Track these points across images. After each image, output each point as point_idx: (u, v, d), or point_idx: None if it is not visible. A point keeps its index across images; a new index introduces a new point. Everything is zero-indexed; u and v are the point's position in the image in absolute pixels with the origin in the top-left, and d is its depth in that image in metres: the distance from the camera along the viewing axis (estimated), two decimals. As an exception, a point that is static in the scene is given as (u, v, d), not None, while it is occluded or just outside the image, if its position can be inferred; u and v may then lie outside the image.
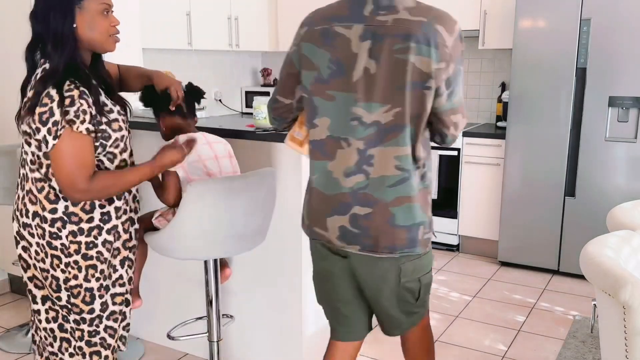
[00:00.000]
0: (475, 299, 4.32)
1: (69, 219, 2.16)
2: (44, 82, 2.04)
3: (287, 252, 3.03)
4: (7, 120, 4.04)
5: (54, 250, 2.17)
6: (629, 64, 4.23)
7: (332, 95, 1.99)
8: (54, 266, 2.19)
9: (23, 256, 2.28)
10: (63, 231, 2.16)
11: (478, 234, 5.17)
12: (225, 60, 6.35)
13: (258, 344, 3.25)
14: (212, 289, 2.72)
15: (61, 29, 2.06)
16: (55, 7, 2.06)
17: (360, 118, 1.96)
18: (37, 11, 2.11)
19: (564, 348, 3.52)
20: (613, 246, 1.96)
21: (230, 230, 2.46)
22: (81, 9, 2.09)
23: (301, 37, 2.14)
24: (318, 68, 2.02)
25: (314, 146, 2.09)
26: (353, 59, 1.94)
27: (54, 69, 2.06)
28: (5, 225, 4.27)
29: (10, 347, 3.59)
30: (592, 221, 4.48)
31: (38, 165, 2.13)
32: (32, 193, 2.16)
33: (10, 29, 3.85)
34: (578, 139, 4.50)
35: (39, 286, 2.27)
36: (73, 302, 2.23)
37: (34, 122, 2.04)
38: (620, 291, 1.67)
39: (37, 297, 2.29)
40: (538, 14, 4.50)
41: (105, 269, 2.27)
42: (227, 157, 2.59)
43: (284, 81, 2.19)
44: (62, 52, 2.07)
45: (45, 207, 2.14)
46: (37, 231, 2.17)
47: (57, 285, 2.21)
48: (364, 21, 1.93)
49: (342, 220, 2.05)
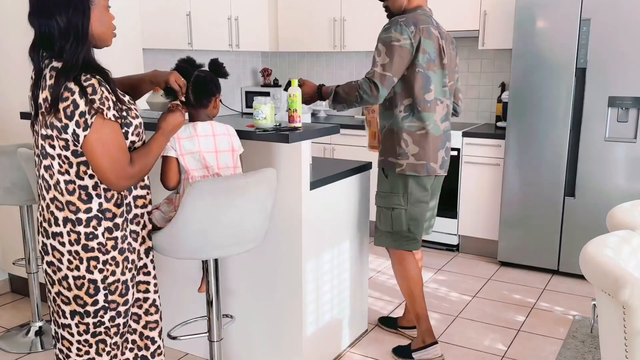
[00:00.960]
0: (475, 299, 4.32)
1: (104, 215, 2.15)
2: (61, 78, 2.00)
3: (287, 252, 3.04)
4: (7, 120, 4.05)
5: (91, 252, 2.14)
6: (629, 64, 4.23)
7: (435, 71, 3.16)
8: (91, 269, 2.15)
9: (48, 272, 2.21)
10: (99, 229, 2.14)
11: (478, 234, 5.18)
12: (225, 60, 6.28)
13: (258, 344, 3.25)
14: (212, 289, 2.72)
15: (81, 24, 2.04)
16: (73, 4, 2.03)
17: (446, 85, 3.25)
18: (43, 10, 2.06)
19: (564, 348, 3.52)
20: (613, 246, 1.96)
21: (230, 230, 2.46)
22: (93, 5, 2.09)
23: (412, 32, 3.05)
24: (428, 52, 3.10)
25: (430, 104, 3.16)
26: (440, 49, 3.17)
27: (71, 64, 2.02)
28: (6, 226, 4.28)
29: (10, 347, 3.60)
30: (592, 221, 4.48)
31: (68, 166, 2.09)
32: (58, 200, 2.11)
33: (10, 29, 3.85)
34: (578, 139, 4.50)
35: (66, 302, 2.20)
36: (111, 299, 2.22)
37: (60, 120, 2.01)
38: (620, 291, 1.67)
39: (66, 312, 2.21)
40: (538, 14, 4.50)
41: (135, 259, 2.30)
42: (229, 152, 2.58)
43: (397, 65, 3.06)
44: (81, 47, 2.04)
45: (79, 208, 2.11)
46: (69, 237, 2.12)
47: (95, 288, 2.17)
48: (437, 28, 3.19)
49: (442, 153, 3.25)
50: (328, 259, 3.26)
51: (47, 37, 2.06)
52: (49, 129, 2.05)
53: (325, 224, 3.21)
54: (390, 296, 4.34)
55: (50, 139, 2.07)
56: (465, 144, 5.06)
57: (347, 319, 3.54)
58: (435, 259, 5.16)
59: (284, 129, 2.80)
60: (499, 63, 5.55)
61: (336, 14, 5.88)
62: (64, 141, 2.05)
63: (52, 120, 2.03)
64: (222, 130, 2.60)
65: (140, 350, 2.42)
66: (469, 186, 5.12)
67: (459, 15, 5.21)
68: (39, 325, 3.72)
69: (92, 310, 2.20)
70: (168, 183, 2.49)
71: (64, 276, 2.17)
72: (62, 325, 2.25)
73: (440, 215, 5.25)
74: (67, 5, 2.03)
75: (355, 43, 5.84)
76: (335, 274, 3.36)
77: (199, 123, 2.54)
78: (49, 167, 2.11)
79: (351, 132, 5.62)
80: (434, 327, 3.81)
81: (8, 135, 4.06)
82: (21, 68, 3.86)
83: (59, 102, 1.99)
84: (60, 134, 2.04)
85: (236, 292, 3.25)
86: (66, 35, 2.04)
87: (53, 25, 2.04)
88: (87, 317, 2.21)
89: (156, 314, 2.45)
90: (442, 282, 4.64)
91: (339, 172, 3.27)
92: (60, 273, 2.17)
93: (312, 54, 6.58)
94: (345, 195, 3.38)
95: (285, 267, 3.06)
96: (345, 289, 3.49)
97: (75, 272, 2.15)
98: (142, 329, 2.42)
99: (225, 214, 2.41)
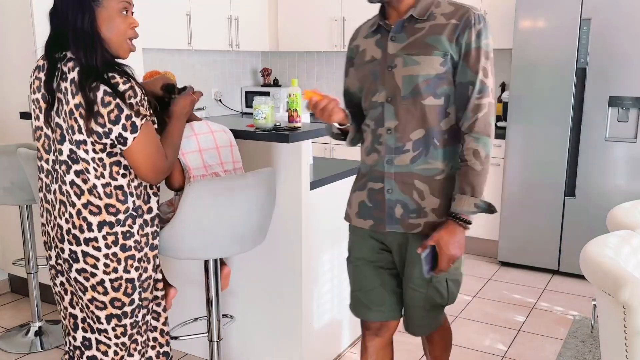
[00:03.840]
0: (475, 299, 4.32)
1: (137, 212, 2.17)
2: (89, 81, 1.97)
3: (287, 252, 3.04)
4: (6, 120, 4.05)
5: (128, 251, 2.14)
6: (629, 63, 4.23)
7: None
8: (128, 268, 2.15)
9: (78, 279, 2.15)
10: (134, 227, 2.16)
11: (478, 233, 5.17)
12: (225, 60, 6.35)
13: (258, 344, 3.25)
14: (212, 289, 2.72)
15: (80, 24, 2.00)
16: (72, 3, 2.01)
17: None
18: (56, 7, 2.07)
19: (564, 348, 3.52)
20: (613, 246, 1.96)
21: (230, 230, 2.46)
22: (99, 6, 2.02)
23: None
24: None
25: None
26: None
27: (90, 68, 1.99)
28: (6, 226, 4.28)
29: (10, 347, 3.60)
30: (592, 221, 4.48)
31: (102, 169, 2.07)
32: (93, 204, 2.08)
33: (9, 30, 3.84)
34: (578, 139, 4.50)
35: (101, 307, 2.16)
36: (144, 296, 2.24)
37: (102, 125, 1.98)
38: (620, 291, 1.67)
39: (102, 317, 2.18)
40: (538, 14, 4.50)
41: (158, 256, 2.34)
42: (229, 147, 2.59)
43: None
44: (89, 50, 2.00)
45: (119, 209, 2.11)
46: (106, 241, 2.10)
47: (132, 287, 2.18)
48: None
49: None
50: (328, 259, 3.26)
51: (59, 35, 2.06)
52: (85, 134, 2.02)
53: (326, 224, 3.20)
54: (390, 296, 4.34)
55: (84, 144, 2.04)
56: (466, 144, 5.05)
57: (348, 318, 3.54)
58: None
59: (284, 129, 2.80)
60: (499, 63, 5.52)
61: (336, 14, 5.88)
62: (102, 145, 2.04)
63: (92, 126, 2.00)
64: (218, 127, 2.61)
65: (162, 347, 2.44)
66: (469, 186, 5.10)
67: (459, 15, 5.19)
68: (38, 325, 3.72)
69: (129, 311, 2.20)
70: (173, 183, 2.47)
71: (99, 281, 2.14)
72: (97, 330, 2.21)
73: (441, 215, 5.26)
74: (67, 5, 2.02)
75: (355, 43, 5.82)
76: (335, 274, 3.36)
77: (195, 122, 2.55)
78: (81, 172, 2.07)
79: (351, 132, 5.60)
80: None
81: (8, 135, 4.06)
82: (20, 69, 3.86)
83: (101, 107, 1.97)
84: (100, 138, 2.02)
85: (236, 292, 3.25)
86: (77, 36, 2.01)
87: (64, 24, 2.03)
88: (124, 319, 2.20)
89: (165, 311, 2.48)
90: (442, 282, 4.64)
91: (339, 172, 3.27)
92: (94, 279, 2.13)
93: (312, 54, 6.58)
94: (345, 195, 3.36)
95: (285, 267, 3.06)
96: (346, 288, 3.49)
97: (112, 274, 2.13)
98: (162, 326, 2.42)
99: (225, 213, 2.41)
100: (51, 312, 4.10)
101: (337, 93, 2.31)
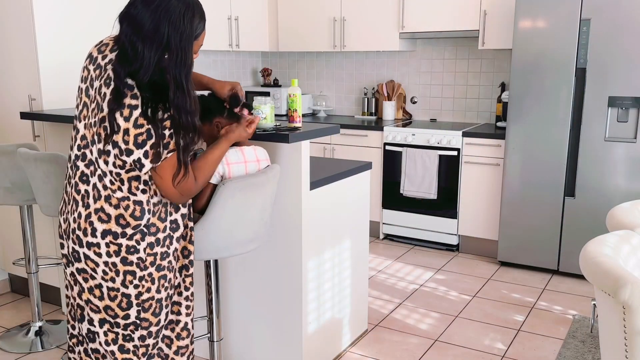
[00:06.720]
0: (474, 298, 4.32)
1: (149, 230, 2.11)
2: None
3: (288, 252, 3.04)
4: (7, 121, 4.04)
5: (129, 266, 2.09)
6: (629, 64, 4.22)
7: None
8: (126, 283, 2.10)
9: (77, 278, 2.15)
10: (142, 244, 2.10)
11: (478, 233, 5.17)
12: (225, 61, 6.36)
13: (258, 343, 3.25)
14: (213, 289, 2.72)
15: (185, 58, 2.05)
16: (187, 36, 2.04)
17: None
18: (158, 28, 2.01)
19: (564, 348, 3.52)
20: (612, 246, 1.96)
21: (250, 228, 2.49)
22: (196, 39, 2.11)
23: None
24: None
25: None
26: None
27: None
28: (6, 226, 4.27)
29: (10, 346, 3.59)
30: (592, 221, 4.48)
31: (120, 183, 2.05)
32: (105, 212, 2.06)
33: (10, 30, 3.84)
34: (578, 139, 4.50)
35: (95, 310, 2.15)
36: (143, 316, 2.17)
37: (126, 143, 1.97)
38: (620, 291, 1.67)
39: (94, 320, 2.17)
40: (538, 14, 4.50)
41: (172, 278, 2.26)
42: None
43: None
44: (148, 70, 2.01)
45: (129, 223, 2.07)
46: (108, 249, 2.08)
47: (127, 302, 2.12)
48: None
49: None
50: (328, 258, 3.26)
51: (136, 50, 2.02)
52: (110, 145, 2.01)
53: (326, 223, 3.21)
54: (390, 295, 4.34)
55: (106, 155, 2.03)
56: (465, 144, 5.06)
57: (348, 318, 3.54)
58: (435, 259, 5.16)
59: (284, 129, 2.80)
60: (499, 63, 5.54)
61: (336, 14, 5.88)
62: (121, 161, 2.02)
63: (117, 140, 1.98)
64: (265, 155, 2.61)
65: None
66: (468, 186, 5.12)
67: (459, 15, 5.21)
68: (39, 325, 3.72)
69: (121, 323, 2.16)
70: (199, 204, 2.43)
71: (97, 284, 2.12)
72: (89, 331, 2.21)
73: (441, 216, 5.27)
74: (186, 37, 2.05)
75: (355, 43, 5.84)
76: (336, 273, 3.36)
77: (245, 147, 2.54)
78: (102, 176, 2.07)
79: (351, 132, 5.62)
80: (434, 327, 3.81)
81: (8, 136, 4.06)
82: (21, 69, 3.86)
83: (132, 127, 1.96)
84: (120, 154, 2.00)
85: (236, 291, 3.25)
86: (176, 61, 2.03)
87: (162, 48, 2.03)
88: (116, 328, 2.17)
89: (187, 339, 2.38)
90: (441, 281, 4.64)
91: (339, 172, 3.27)
92: (93, 281, 2.12)
93: (312, 54, 6.58)
94: (345, 194, 3.38)
95: (286, 266, 3.06)
96: (346, 287, 3.49)
97: (110, 283, 2.11)
98: (173, 355, 2.35)
99: (248, 211, 2.44)
100: (51, 311, 4.10)
101: (337, 92, 2.31)
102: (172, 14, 1.98)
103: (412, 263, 5.06)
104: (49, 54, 3.79)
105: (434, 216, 5.34)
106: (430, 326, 3.86)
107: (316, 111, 6.44)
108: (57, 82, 3.84)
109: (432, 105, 5.98)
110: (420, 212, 5.40)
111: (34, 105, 3.83)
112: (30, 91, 3.84)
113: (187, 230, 2.30)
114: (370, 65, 6.26)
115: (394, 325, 3.87)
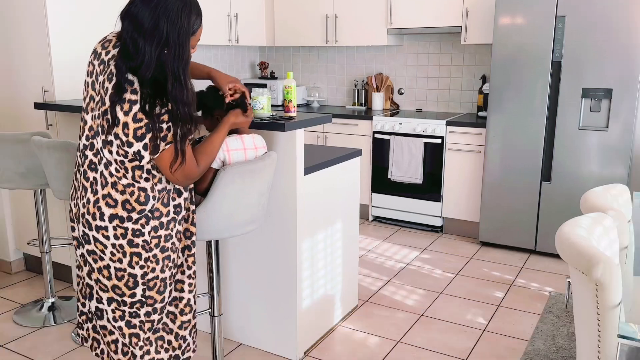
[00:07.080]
0: (457, 276, 4.32)
1: (153, 214, 2.10)
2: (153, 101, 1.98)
3: (284, 233, 3.03)
4: (22, 110, 4.01)
5: (135, 248, 2.09)
6: (601, 58, 4.21)
7: None
8: (133, 264, 2.10)
9: (88, 260, 2.16)
10: (146, 227, 2.09)
11: (460, 216, 5.17)
12: (225, 55, 6.32)
13: (256, 318, 3.24)
14: (214, 266, 2.71)
15: (182, 52, 2.02)
16: (184, 32, 2.01)
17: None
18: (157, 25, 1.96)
19: (540, 322, 3.53)
20: (586, 227, 1.96)
21: (249, 210, 2.48)
22: (193, 34, 2.08)
23: None
24: None
25: None
26: None
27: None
28: (21, 208, 4.25)
29: (25, 321, 3.58)
30: (567, 204, 4.48)
31: (124, 171, 2.04)
32: (112, 197, 2.05)
33: (26, 23, 3.80)
34: (553, 128, 4.49)
35: (104, 289, 2.15)
36: (148, 294, 2.17)
37: (126, 135, 1.96)
38: (593, 269, 1.67)
39: (103, 298, 2.17)
40: (516, 11, 4.48)
41: (175, 258, 2.25)
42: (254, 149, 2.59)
43: None
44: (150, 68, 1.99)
45: (134, 208, 2.06)
46: (115, 232, 2.07)
47: (134, 282, 2.13)
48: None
49: None
50: (321, 238, 3.26)
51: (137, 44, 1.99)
52: (112, 136, 2.00)
53: (319, 206, 3.19)
54: (378, 273, 4.34)
55: (110, 145, 2.02)
56: (449, 132, 5.04)
57: (339, 294, 3.54)
58: (420, 240, 5.16)
59: (280, 119, 2.78)
60: (480, 57, 5.52)
61: (329, 11, 5.83)
62: (123, 151, 2.01)
63: (118, 132, 1.97)
64: (262, 143, 2.59)
65: (174, 350, 2.37)
66: (452, 172, 5.11)
67: (443, 12, 5.18)
68: (51, 301, 3.70)
69: (128, 302, 2.17)
70: (201, 187, 2.41)
71: (105, 265, 2.12)
72: (97, 309, 2.21)
73: (426, 199, 5.26)
74: (183, 32, 2.02)
75: (346, 38, 5.80)
76: (328, 252, 3.35)
77: (245, 136, 2.51)
78: (108, 165, 2.05)
79: (342, 121, 5.60)
80: (419, 303, 3.81)
81: (23, 125, 4.03)
82: (35, 63, 3.82)
83: (132, 122, 1.95)
84: (122, 145, 1.99)
85: (235, 270, 3.24)
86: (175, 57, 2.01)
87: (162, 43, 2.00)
88: (123, 306, 2.17)
89: (190, 314, 2.38)
90: (426, 260, 4.65)
91: (331, 158, 3.26)
92: (101, 262, 2.12)
93: (306, 49, 6.54)
94: (337, 179, 3.36)
95: (282, 246, 3.05)
96: (338, 266, 3.49)
97: (117, 264, 2.11)
98: (177, 329, 2.36)
99: (247, 195, 2.43)
100: (63, 288, 4.08)
101: (330, 84, 2.29)
102: (170, 11, 1.95)
103: (399, 243, 5.06)
104: (61, 48, 3.76)
105: (419, 199, 5.33)
106: (416, 302, 3.87)
107: (310, 102, 6.41)
108: (68, 74, 3.81)
109: (417, 96, 5.96)
110: (406, 195, 5.39)
111: (47, 96, 3.80)
112: (44, 83, 3.80)
113: (190, 213, 2.29)
114: (360, 59, 6.23)
115: (383, 301, 3.88)
